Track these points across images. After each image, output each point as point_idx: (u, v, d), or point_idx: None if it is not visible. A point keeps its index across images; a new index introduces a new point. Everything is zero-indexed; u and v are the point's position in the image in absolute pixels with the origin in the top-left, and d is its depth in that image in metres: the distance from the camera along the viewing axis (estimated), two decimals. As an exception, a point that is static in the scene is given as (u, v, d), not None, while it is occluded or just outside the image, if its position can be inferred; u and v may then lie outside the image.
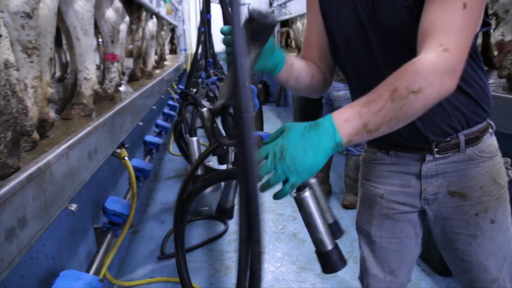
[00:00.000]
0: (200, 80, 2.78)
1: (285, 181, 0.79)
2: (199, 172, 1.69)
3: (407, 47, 1.00)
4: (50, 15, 1.45)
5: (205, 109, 1.73)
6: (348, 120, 0.79)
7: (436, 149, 1.12)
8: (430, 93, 0.83)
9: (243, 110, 0.59)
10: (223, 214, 1.05)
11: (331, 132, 0.78)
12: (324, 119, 0.79)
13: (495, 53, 2.27)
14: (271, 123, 6.66)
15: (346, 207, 3.41)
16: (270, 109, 8.20)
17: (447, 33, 0.87)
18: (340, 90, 3.11)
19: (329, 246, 0.83)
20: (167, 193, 3.93)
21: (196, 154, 1.67)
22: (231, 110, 0.89)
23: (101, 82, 2.43)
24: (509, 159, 1.26)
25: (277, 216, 3.30)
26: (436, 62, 0.83)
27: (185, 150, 2.07)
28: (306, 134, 0.78)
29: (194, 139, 1.68)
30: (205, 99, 2.13)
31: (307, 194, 0.81)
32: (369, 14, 1.05)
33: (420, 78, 0.81)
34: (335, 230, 0.94)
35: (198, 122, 1.79)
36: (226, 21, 1.62)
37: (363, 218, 1.30)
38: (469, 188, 1.14)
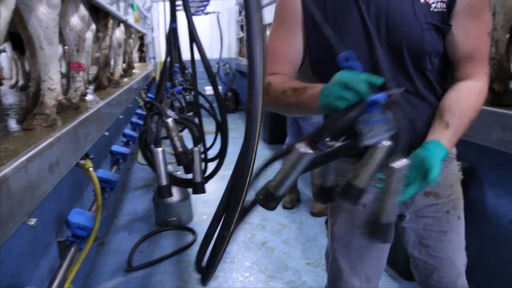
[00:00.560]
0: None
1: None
2: (165, 182, 1.67)
3: (415, 64, 1.10)
4: (1, 24, 1.40)
5: (170, 119, 1.72)
6: (451, 143, 1.09)
7: None
8: None
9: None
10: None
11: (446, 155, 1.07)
12: (442, 150, 1.05)
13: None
14: (241, 131, 6.65)
15: (314, 214, 3.44)
16: (240, 117, 8.21)
17: (486, 61, 1.17)
18: None
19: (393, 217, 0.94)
20: (135, 203, 3.87)
21: (161, 165, 1.65)
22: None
23: (66, 91, 2.37)
24: (459, 162, 1.35)
25: (246, 225, 3.30)
26: (486, 89, 1.16)
27: (151, 160, 2.04)
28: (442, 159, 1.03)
29: (159, 149, 1.66)
30: (171, 109, 2.12)
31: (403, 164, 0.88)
32: (380, 27, 1.07)
33: (482, 104, 1.15)
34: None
35: (164, 132, 1.78)
36: (191, 32, 1.62)
37: (343, 228, 1.30)
38: (441, 187, 1.24)
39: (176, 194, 3.18)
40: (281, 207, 3.56)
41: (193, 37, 1.64)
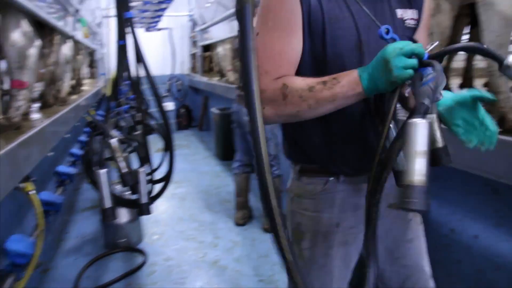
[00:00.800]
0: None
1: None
2: (108, 204, 1.63)
3: None
4: None
5: (114, 139, 1.69)
6: None
7: None
8: None
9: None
10: (438, 156, 1.01)
11: None
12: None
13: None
14: (194, 147, 6.61)
15: (267, 230, 3.46)
16: (192, 133, 8.16)
17: None
18: None
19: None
20: (84, 225, 3.72)
21: (104, 187, 1.61)
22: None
23: (7, 109, 2.27)
24: None
25: (198, 244, 3.26)
26: None
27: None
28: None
29: (102, 171, 1.62)
30: (117, 128, 2.07)
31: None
32: (369, 37, 1.10)
33: None
34: (443, 154, 1.05)
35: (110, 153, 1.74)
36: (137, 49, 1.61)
37: (318, 251, 1.27)
38: None
39: (125, 214, 3.10)
40: (234, 223, 3.56)
41: (139, 57, 1.63)
